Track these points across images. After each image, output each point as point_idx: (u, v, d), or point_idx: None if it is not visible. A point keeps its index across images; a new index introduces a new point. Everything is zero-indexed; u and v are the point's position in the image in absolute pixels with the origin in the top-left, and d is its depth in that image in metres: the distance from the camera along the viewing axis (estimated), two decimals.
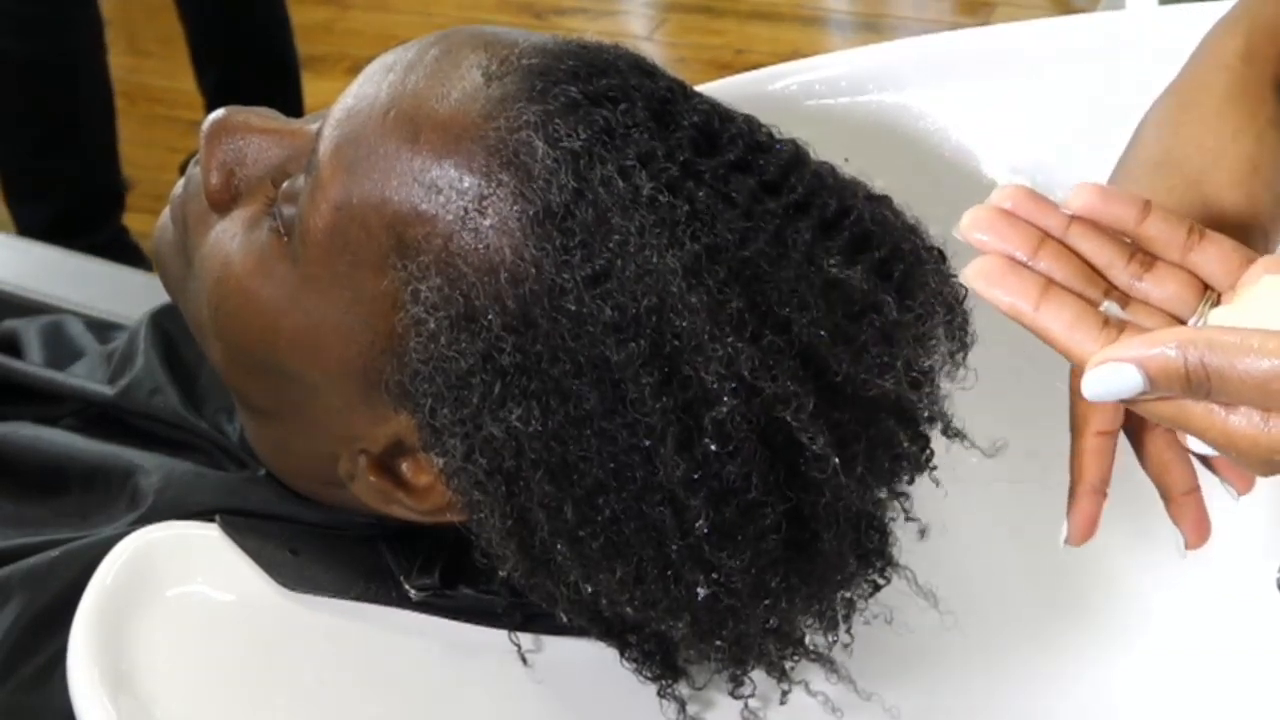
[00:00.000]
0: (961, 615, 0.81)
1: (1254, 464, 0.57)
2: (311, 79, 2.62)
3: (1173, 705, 0.86)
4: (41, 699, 0.72)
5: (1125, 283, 0.62)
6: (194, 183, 0.77)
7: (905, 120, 0.95)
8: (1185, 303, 0.62)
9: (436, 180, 0.67)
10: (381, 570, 0.76)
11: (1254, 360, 0.54)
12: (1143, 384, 0.56)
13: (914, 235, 0.73)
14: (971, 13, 2.87)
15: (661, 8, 3.06)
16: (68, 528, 0.79)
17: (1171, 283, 0.62)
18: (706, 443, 0.65)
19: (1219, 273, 0.62)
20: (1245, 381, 0.54)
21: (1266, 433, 0.56)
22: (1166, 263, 0.62)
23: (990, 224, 0.62)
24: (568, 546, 0.67)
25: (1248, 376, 0.54)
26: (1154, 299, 0.62)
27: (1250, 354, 0.55)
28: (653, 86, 0.69)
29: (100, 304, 1.15)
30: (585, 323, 0.65)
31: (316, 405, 0.73)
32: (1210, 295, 0.62)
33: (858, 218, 0.69)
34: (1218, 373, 0.55)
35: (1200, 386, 0.55)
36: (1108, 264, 0.62)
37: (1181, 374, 0.55)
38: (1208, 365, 0.55)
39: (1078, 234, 0.62)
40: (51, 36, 2.06)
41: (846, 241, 0.68)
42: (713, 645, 0.71)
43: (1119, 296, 0.62)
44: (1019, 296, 0.60)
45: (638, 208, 0.65)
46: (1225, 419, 0.56)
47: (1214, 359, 0.55)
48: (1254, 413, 0.56)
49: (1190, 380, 0.55)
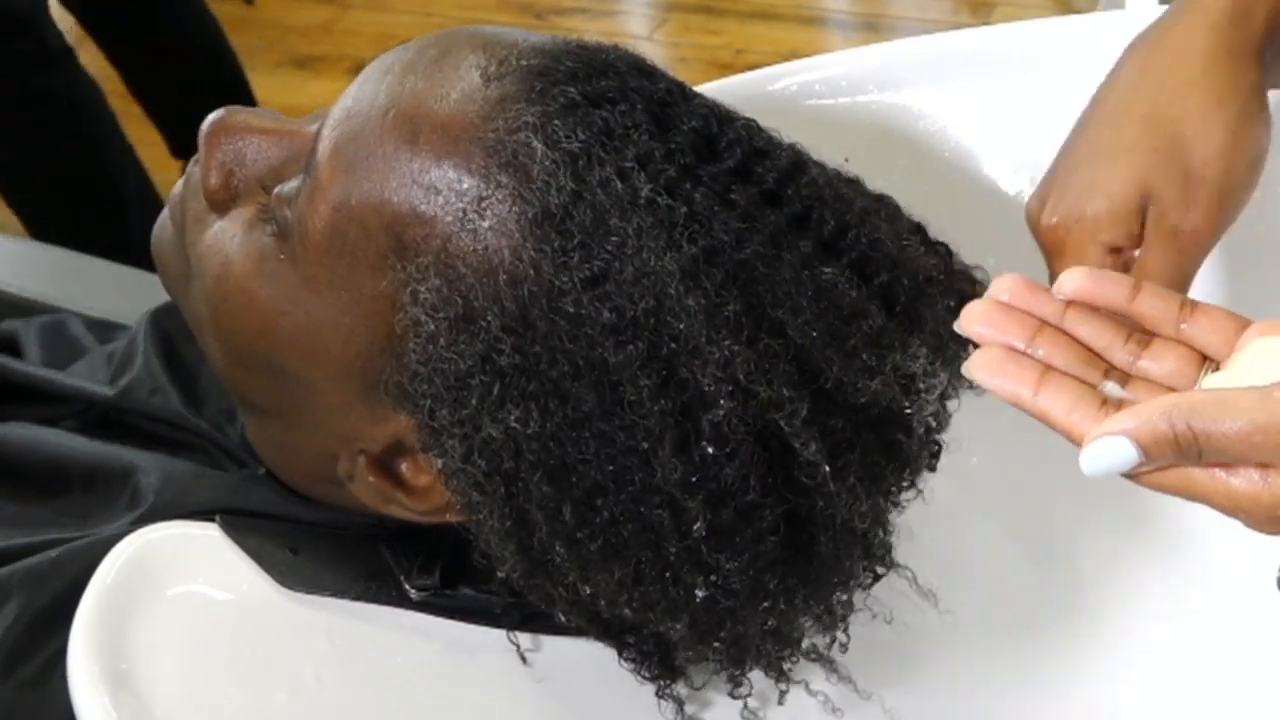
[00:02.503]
0: (962, 615, 0.82)
1: (1261, 523, 0.58)
2: (311, 79, 2.62)
3: (1173, 705, 0.86)
4: (41, 698, 0.72)
5: (1125, 361, 0.62)
6: (193, 182, 0.77)
7: (905, 120, 0.95)
8: (1186, 376, 0.62)
9: (435, 181, 0.67)
10: (381, 570, 0.76)
11: (1234, 418, 0.55)
12: (1137, 455, 0.56)
13: (915, 236, 0.73)
14: (971, 13, 2.87)
15: (661, 8, 3.06)
16: (68, 527, 0.79)
17: (1170, 358, 0.62)
18: (704, 445, 0.65)
19: (1215, 342, 0.62)
20: (1230, 439, 0.55)
21: (1267, 489, 0.56)
22: (1163, 338, 0.63)
23: (988, 317, 0.62)
24: (566, 547, 0.67)
25: (1232, 433, 0.55)
26: (1154, 375, 0.62)
27: (1231, 411, 0.55)
28: (652, 88, 0.69)
29: (100, 304, 1.14)
30: (583, 324, 0.65)
31: (316, 405, 0.73)
32: (1209, 365, 0.62)
33: (855, 235, 0.69)
34: (1204, 435, 0.55)
35: (1190, 451, 0.56)
36: (1107, 346, 0.62)
37: (1171, 440, 0.56)
38: (1194, 429, 0.55)
39: (1074, 318, 0.63)
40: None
41: (845, 262, 0.68)
42: (711, 646, 0.71)
43: (1119, 376, 0.62)
44: (1019, 384, 0.60)
45: (636, 209, 0.65)
46: (1227, 481, 0.57)
47: (1198, 422, 0.55)
48: (1252, 471, 0.56)
49: (1180, 446, 0.56)
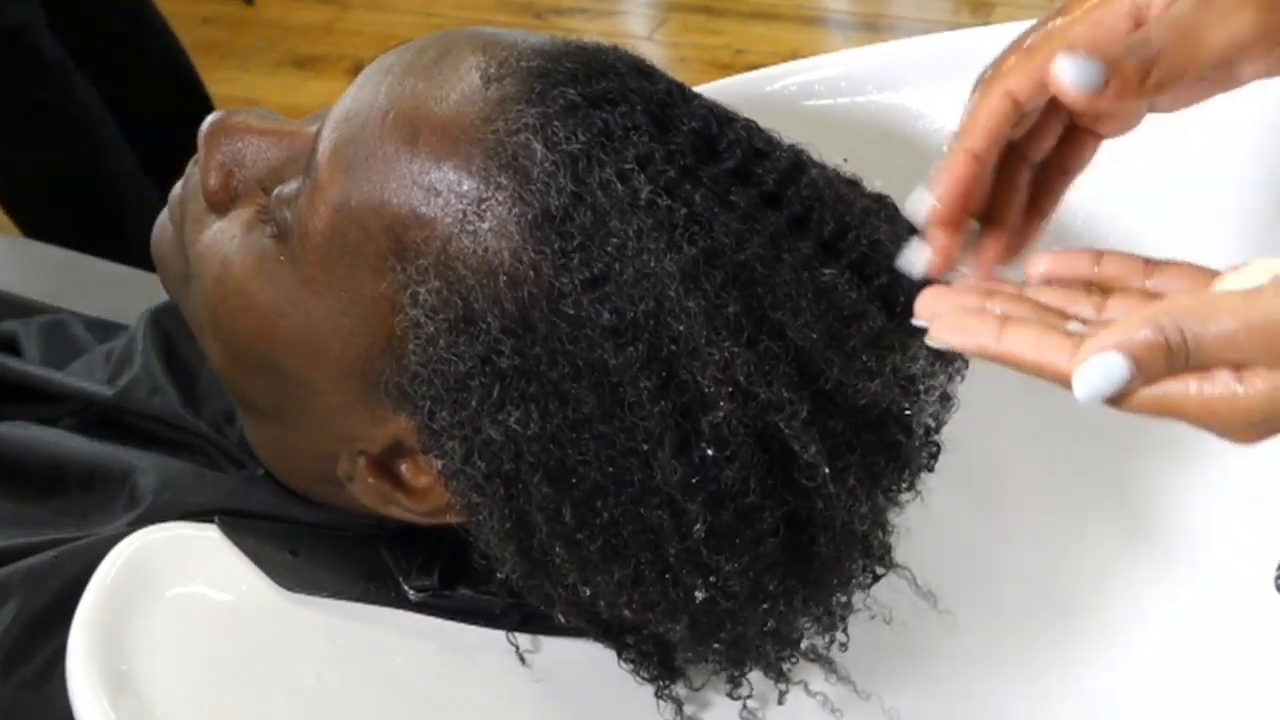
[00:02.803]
0: (961, 615, 0.82)
1: (1237, 430, 0.57)
2: (311, 79, 2.62)
3: (1173, 705, 0.86)
4: (41, 698, 0.72)
5: (1089, 315, 0.62)
6: (192, 183, 0.77)
7: (905, 120, 0.95)
8: None
9: (435, 183, 0.67)
10: (380, 571, 0.76)
11: (1221, 318, 0.55)
12: (1128, 369, 0.55)
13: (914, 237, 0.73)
14: (971, 13, 2.87)
15: (661, 8, 3.06)
16: (67, 527, 0.79)
17: (1135, 303, 0.62)
18: (704, 446, 0.65)
19: (1182, 288, 0.62)
20: (1219, 340, 0.55)
21: (1244, 394, 0.55)
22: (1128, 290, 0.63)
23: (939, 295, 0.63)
24: (566, 549, 0.67)
25: (1220, 334, 0.55)
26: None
27: (1217, 312, 0.55)
28: (652, 89, 0.69)
29: (100, 304, 1.14)
30: (583, 326, 0.65)
31: (315, 406, 0.73)
32: None
33: (855, 236, 0.69)
34: (1194, 337, 0.55)
35: (1180, 356, 0.55)
36: (1069, 302, 0.62)
37: (1162, 347, 0.55)
38: (1184, 330, 0.55)
39: (1034, 291, 0.63)
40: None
41: (845, 263, 0.68)
42: (710, 647, 0.71)
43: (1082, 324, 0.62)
44: (981, 335, 0.60)
45: (636, 211, 0.65)
46: (1201, 389, 0.56)
47: (1188, 323, 0.55)
48: (1227, 375, 0.55)
49: (1172, 352, 0.55)
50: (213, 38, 2.85)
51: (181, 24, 2.41)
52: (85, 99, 2.06)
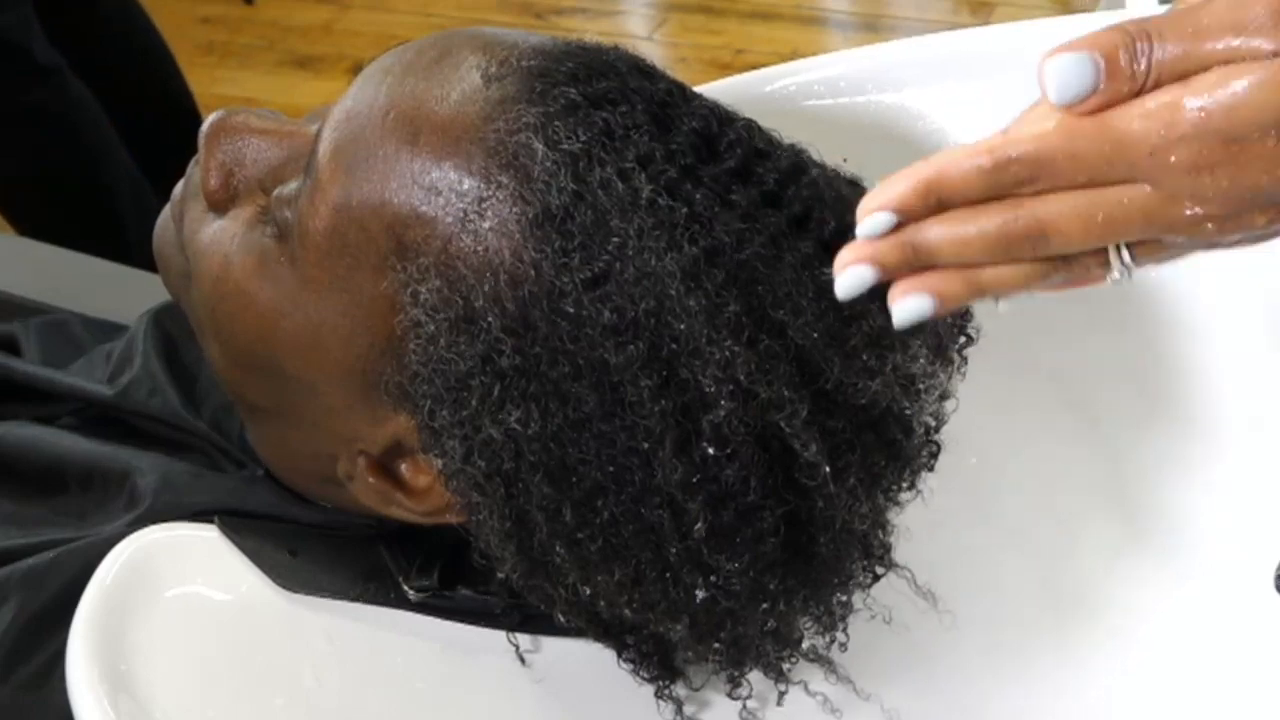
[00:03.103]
0: (961, 615, 0.81)
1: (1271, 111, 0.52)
2: (311, 79, 2.62)
3: (1172, 705, 0.86)
4: (40, 699, 0.72)
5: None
6: (193, 183, 0.77)
7: (905, 120, 0.95)
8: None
9: (436, 182, 0.67)
10: (380, 571, 0.76)
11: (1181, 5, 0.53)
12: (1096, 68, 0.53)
13: None
14: (971, 13, 2.87)
15: (661, 8, 3.06)
16: (66, 527, 0.79)
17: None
18: (704, 446, 0.65)
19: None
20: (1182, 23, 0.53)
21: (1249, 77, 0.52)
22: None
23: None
24: (566, 548, 0.67)
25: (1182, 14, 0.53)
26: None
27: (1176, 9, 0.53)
28: (652, 88, 0.69)
29: (100, 304, 1.14)
30: (584, 325, 0.65)
31: (315, 406, 0.73)
32: None
33: None
34: (1156, 29, 0.53)
35: (1144, 42, 0.53)
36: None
37: (1128, 43, 0.53)
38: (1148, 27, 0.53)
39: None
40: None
41: None
42: (711, 647, 0.71)
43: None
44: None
45: (637, 210, 0.65)
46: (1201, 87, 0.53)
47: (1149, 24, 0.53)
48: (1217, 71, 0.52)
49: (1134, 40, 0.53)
50: (212, 38, 2.84)
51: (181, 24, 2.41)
52: (81, 103, 2.06)
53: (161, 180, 2.04)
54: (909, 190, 0.56)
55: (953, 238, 0.56)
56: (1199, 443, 0.90)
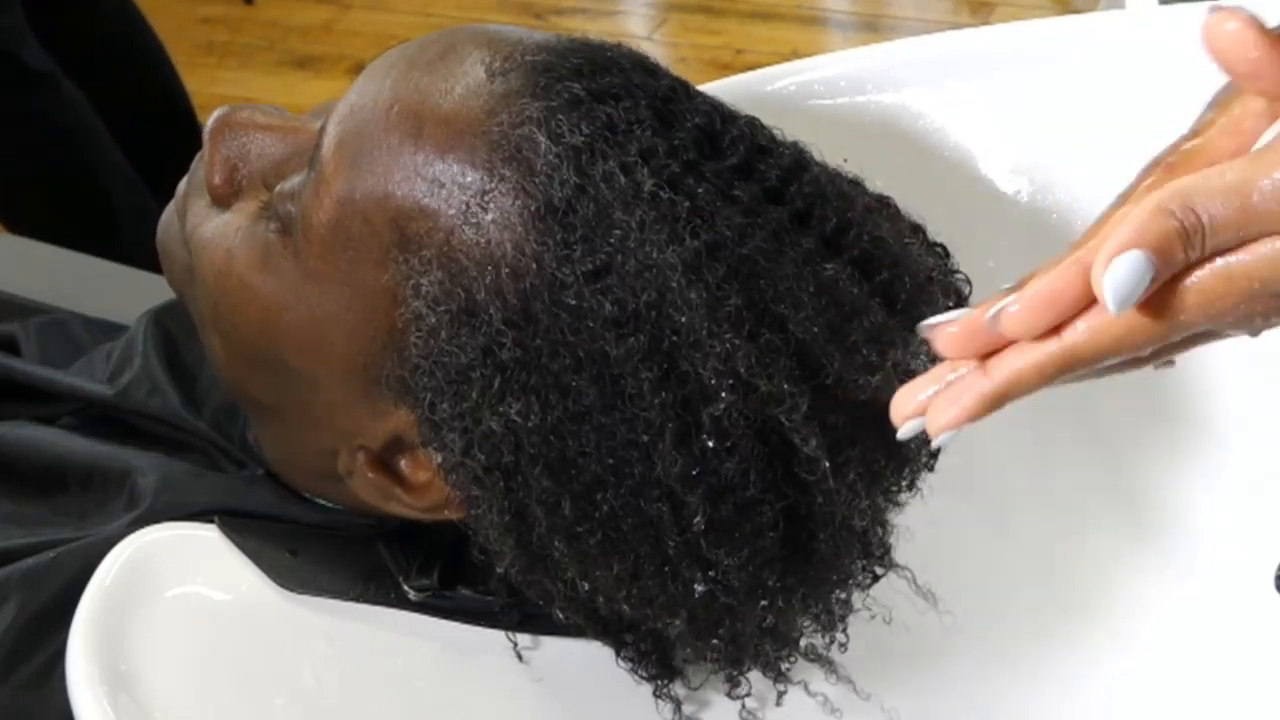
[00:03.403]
0: (961, 615, 0.81)
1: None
2: (311, 79, 2.62)
3: (1172, 705, 0.86)
4: (40, 699, 0.72)
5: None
6: (197, 178, 0.77)
7: (904, 120, 0.95)
8: None
9: (439, 175, 0.67)
10: (380, 571, 0.76)
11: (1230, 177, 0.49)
12: (1148, 263, 0.49)
13: (915, 237, 0.73)
14: (971, 13, 2.87)
15: (661, 8, 3.06)
16: (66, 527, 0.79)
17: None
18: (704, 439, 0.65)
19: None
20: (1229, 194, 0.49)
21: None
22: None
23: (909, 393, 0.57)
24: (565, 542, 0.67)
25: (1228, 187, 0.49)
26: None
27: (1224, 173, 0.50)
28: (655, 84, 0.69)
29: (100, 304, 1.14)
30: (585, 318, 0.65)
31: (316, 400, 0.73)
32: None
33: (857, 233, 0.69)
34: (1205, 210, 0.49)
35: (1196, 236, 0.50)
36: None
37: (1178, 231, 0.50)
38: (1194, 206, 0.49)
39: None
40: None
41: (847, 259, 0.68)
42: (709, 644, 0.71)
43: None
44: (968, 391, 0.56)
45: (639, 203, 0.65)
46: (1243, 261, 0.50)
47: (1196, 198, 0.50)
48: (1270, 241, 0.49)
49: (1188, 233, 0.50)
50: (212, 38, 2.84)
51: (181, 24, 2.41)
52: (75, 107, 2.05)
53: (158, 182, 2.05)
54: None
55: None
56: (1199, 442, 0.90)
